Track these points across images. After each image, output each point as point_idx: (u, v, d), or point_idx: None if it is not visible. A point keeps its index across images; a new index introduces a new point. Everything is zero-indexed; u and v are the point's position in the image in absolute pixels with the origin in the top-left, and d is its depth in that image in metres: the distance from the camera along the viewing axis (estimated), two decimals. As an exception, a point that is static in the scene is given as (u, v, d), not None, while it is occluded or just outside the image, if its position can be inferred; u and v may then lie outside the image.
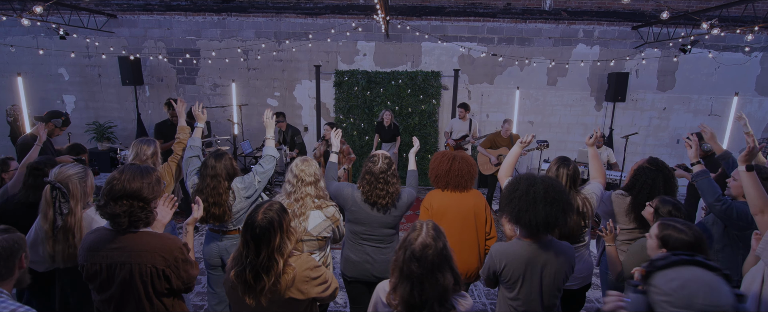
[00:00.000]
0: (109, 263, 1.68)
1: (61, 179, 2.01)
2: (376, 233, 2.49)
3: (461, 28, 7.51)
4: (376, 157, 2.48)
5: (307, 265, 1.74)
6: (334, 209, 2.52)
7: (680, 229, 1.73)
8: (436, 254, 1.47)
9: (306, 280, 1.72)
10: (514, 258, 1.90)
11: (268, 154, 2.75)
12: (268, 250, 1.62)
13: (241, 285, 1.65)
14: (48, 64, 7.81)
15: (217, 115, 7.79)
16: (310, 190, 2.41)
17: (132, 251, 1.68)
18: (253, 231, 1.61)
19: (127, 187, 1.65)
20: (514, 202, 1.84)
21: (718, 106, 7.64)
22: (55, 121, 3.81)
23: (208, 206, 2.47)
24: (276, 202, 1.74)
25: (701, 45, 7.25)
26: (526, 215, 1.79)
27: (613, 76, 7.23)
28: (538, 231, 1.84)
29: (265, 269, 1.63)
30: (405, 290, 1.48)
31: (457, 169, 2.61)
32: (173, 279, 1.74)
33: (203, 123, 3.05)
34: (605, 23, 7.37)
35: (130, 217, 1.67)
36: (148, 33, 7.68)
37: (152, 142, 2.87)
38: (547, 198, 1.78)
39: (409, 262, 1.48)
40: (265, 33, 7.61)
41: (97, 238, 1.72)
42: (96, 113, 7.99)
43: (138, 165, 1.77)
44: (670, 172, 2.56)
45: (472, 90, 7.78)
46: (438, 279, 1.46)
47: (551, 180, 1.87)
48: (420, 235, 1.52)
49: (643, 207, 2.48)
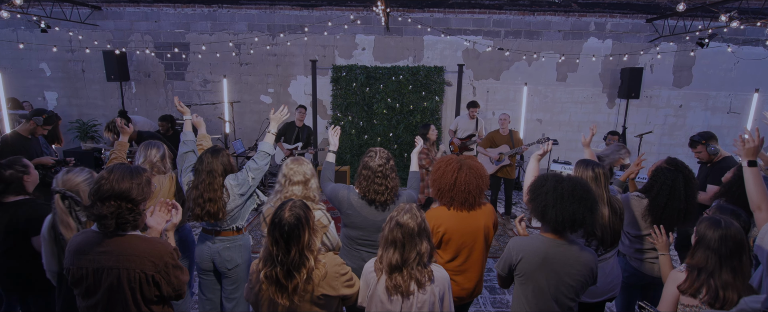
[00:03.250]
0: (95, 267, 1.68)
1: (70, 187, 2.01)
2: (372, 238, 2.46)
3: (466, 20, 7.52)
4: (373, 152, 2.48)
5: (335, 262, 1.88)
6: (321, 213, 2.41)
7: (716, 221, 1.80)
8: (416, 225, 1.84)
9: (336, 276, 1.84)
10: (532, 251, 1.95)
11: (262, 150, 2.74)
12: (298, 247, 1.70)
13: (273, 285, 1.72)
14: (28, 58, 7.80)
15: (208, 112, 7.78)
16: (297, 189, 2.39)
17: (120, 255, 1.68)
18: (282, 229, 1.68)
19: (116, 188, 1.65)
20: (540, 198, 1.91)
21: (737, 104, 7.65)
22: (36, 119, 3.81)
23: (203, 202, 2.48)
24: (299, 200, 1.82)
25: (719, 38, 7.25)
26: (552, 211, 1.86)
27: (626, 71, 7.24)
28: (564, 228, 1.89)
29: (297, 266, 1.71)
30: (389, 254, 1.84)
31: (464, 183, 2.29)
32: (163, 285, 1.74)
33: (189, 115, 3.07)
34: (618, 15, 7.38)
35: (118, 218, 1.67)
36: (134, 26, 7.67)
37: (161, 145, 2.90)
38: (575, 195, 1.84)
39: (394, 229, 1.84)
40: (258, 26, 7.61)
41: (83, 240, 1.72)
42: (79, 111, 7.98)
43: (127, 165, 1.77)
44: (690, 173, 2.56)
45: (477, 86, 7.78)
46: (416, 243, 1.83)
47: (578, 178, 1.95)
48: (402, 210, 1.89)
49: (661, 210, 2.48)
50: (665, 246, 2.33)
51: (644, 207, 2.58)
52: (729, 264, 1.75)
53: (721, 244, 1.76)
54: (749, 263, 1.79)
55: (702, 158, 3.57)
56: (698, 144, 3.53)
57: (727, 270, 1.75)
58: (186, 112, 3.07)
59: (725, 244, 1.75)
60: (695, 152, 3.59)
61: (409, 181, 2.83)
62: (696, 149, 3.57)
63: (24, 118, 3.84)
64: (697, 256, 1.83)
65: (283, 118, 2.86)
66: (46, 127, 3.90)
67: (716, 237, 1.77)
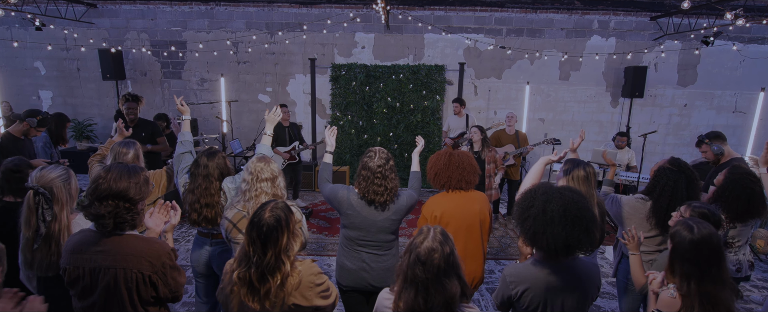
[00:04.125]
0: (92, 267, 1.69)
1: (43, 183, 2.01)
2: (373, 239, 2.48)
3: (467, 18, 7.53)
4: (372, 152, 2.49)
5: (311, 271, 1.78)
6: (295, 209, 2.36)
7: (689, 226, 1.75)
8: (442, 259, 1.51)
9: (310, 286, 1.75)
10: (532, 283, 1.79)
11: (260, 152, 2.75)
12: (275, 250, 1.65)
13: (245, 287, 1.67)
14: (23, 57, 7.81)
15: (205, 111, 7.80)
16: (266, 186, 2.29)
17: (117, 255, 1.69)
18: (260, 229, 1.64)
19: (114, 187, 1.66)
20: (528, 222, 1.72)
21: (742, 103, 7.65)
22: (29, 120, 3.80)
23: (199, 207, 2.47)
24: (281, 201, 1.77)
25: (725, 37, 7.27)
26: (542, 237, 1.67)
27: (630, 70, 7.25)
28: (557, 254, 1.72)
29: (272, 270, 1.65)
30: (409, 296, 1.52)
31: (457, 162, 2.59)
32: (160, 286, 1.75)
33: (189, 115, 3.07)
34: (622, 13, 7.38)
35: (116, 218, 1.67)
36: (130, 24, 7.68)
37: (132, 144, 2.86)
38: (567, 217, 1.64)
39: (414, 266, 1.52)
40: (257, 24, 7.62)
41: (80, 240, 1.73)
42: (74, 110, 7.99)
43: (125, 164, 1.78)
44: (693, 174, 2.56)
45: (479, 85, 7.79)
46: (444, 284, 1.50)
47: (571, 193, 1.73)
48: (426, 238, 1.56)
49: (664, 211, 2.47)
50: (636, 246, 2.36)
51: (648, 209, 2.58)
52: (709, 274, 1.71)
53: (696, 252, 1.73)
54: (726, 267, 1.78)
55: (708, 158, 3.59)
56: (702, 143, 3.55)
57: (709, 281, 1.72)
58: (186, 112, 3.06)
59: (700, 251, 1.72)
60: (701, 151, 3.62)
61: (411, 181, 2.84)
62: (701, 148, 3.59)
63: (18, 119, 3.84)
64: (678, 270, 1.78)
65: (278, 119, 2.88)
66: (40, 129, 3.90)
67: (687, 244, 1.74)
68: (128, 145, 2.83)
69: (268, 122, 2.85)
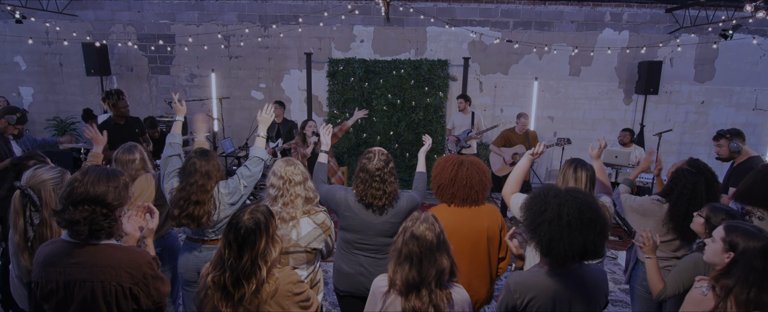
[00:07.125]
0: (66, 280, 1.65)
1: (34, 184, 1.98)
2: (371, 242, 2.48)
3: (472, 10, 7.49)
4: (371, 152, 2.48)
5: (290, 279, 1.79)
6: (325, 216, 2.49)
7: (752, 232, 1.71)
8: (434, 236, 1.75)
9: (287, 295, 1.76)
10: (538, 292, 1.78)
11: (254, 156, 2.71)
12: (251, 254, 1.67)
13: (219, 291, 1.69)
14: (2, 51, 7.79)
15: (195, 109, 7.75)
16: (300, 190, 2.40)
17: (93, 267, 1.65)
18: (238, 231, 1.67)
19: (91, 191, 1.62)
20: (542, 228, 1.68)
21: (763, 100, 7.62)
22: (8, 117, 3.85)
23: (184, 204, 2.41)
24: (263, 205, 1.79)
25: (744, 30, 7.22)
26: (559, 244, 1.64)
27: (644, 65, 7.21)
28: (573, 260, 1.70)
29: (247, 275, 1.67)
30: (404, 270, 1.73)
31: (465, 178, 2.38)
32: (142, 298, 1.71)
33: (182, 116, 3.02)
34: (635, 5, 7.35)
35: (91, 225, 1.63)
36: (115, 16, 7.65)
37: (134, 147, 2.83)
38: (584, 220, 1.63)
39: (409, 242, 1.74)
40: (249, 16, 7.59)
41: (52, 251, 1.68)
42: (57, 107, 7.97)
43: (103, 167, 1.74)
44: (713, 175, 2.55)
45: (484, 81, 7.76)
46: (436, 258, 1.73)
47: (583, 196, 1.72)
48: (417, 220, 1.80)
49: (682, 215, 2.45)
50: (652, 249, 2.32)
51: (665, 212, 2.55)
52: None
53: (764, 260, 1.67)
54: None
55: (721, 153, 3.60)
56: (722, 138, 3.55)
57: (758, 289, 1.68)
58: (181, 112, 3.00)
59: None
60: (716, 145, 3.61)
61: (415, 182, 2.84)
62: (718, 142, 3.59)
63: None
64: (740, 278, 1.71)
65: (271, 119, 2.85)
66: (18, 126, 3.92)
67: (759, 251, 1.68)
68: (131, 150, 2.80)
69: (261, 123, 2.82)
